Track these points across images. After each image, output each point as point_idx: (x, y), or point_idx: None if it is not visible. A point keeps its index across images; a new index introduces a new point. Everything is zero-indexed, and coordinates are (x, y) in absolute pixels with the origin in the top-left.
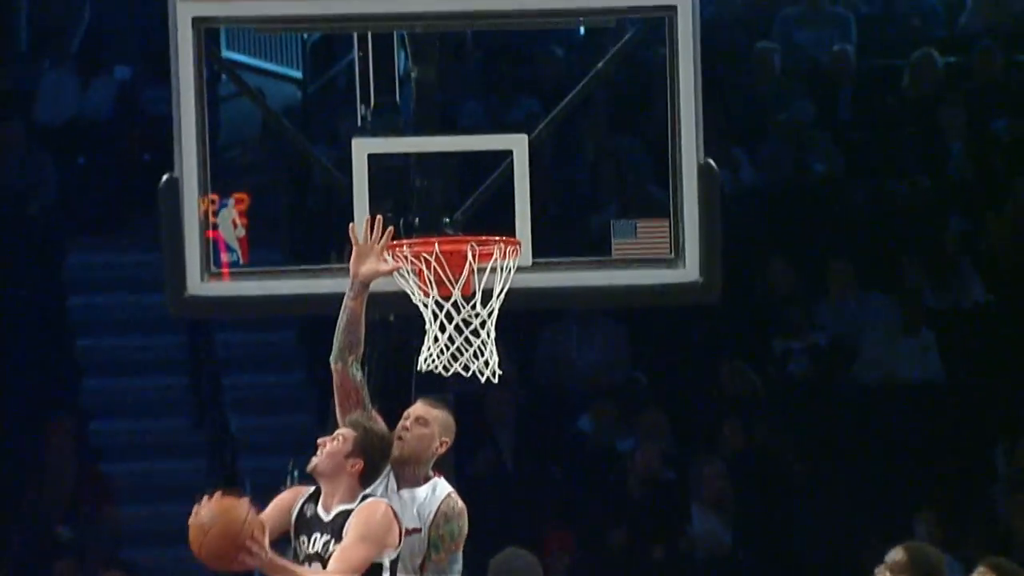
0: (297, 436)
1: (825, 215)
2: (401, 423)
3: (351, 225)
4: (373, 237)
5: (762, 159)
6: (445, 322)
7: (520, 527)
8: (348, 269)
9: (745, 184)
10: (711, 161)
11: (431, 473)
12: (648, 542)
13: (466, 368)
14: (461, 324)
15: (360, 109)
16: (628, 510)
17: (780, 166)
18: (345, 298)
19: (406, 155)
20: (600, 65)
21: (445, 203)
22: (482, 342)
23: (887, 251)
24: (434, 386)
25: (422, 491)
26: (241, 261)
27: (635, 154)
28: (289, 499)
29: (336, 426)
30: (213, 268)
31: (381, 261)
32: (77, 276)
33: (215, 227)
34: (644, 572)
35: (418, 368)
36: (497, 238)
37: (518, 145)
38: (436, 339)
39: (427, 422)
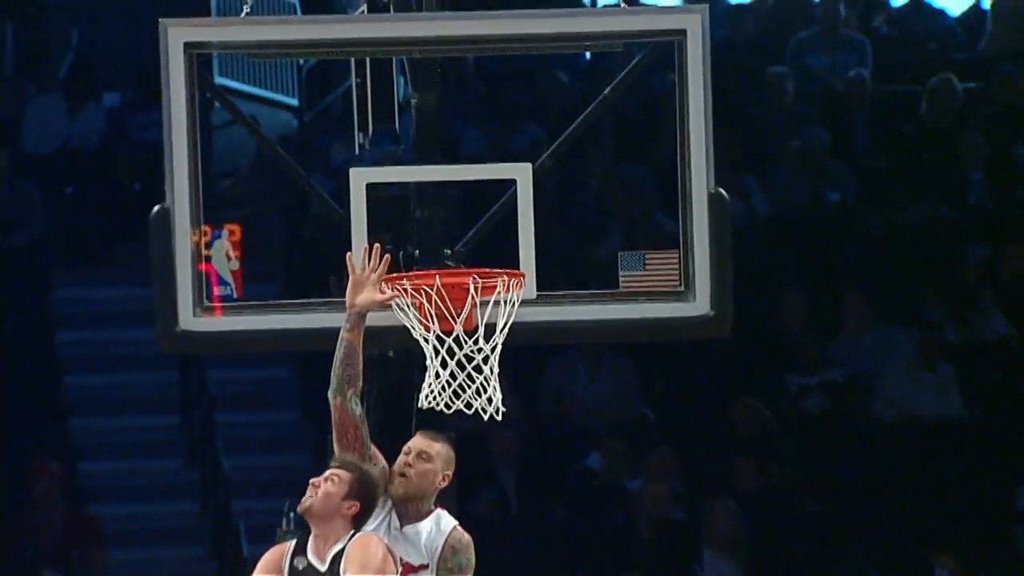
0: (293, 476)
1: (840, 246)
2: (403, 459)
3: (348, 255)
4: (370, 266)
5: (775, 188)
6: (447, 358)
7: (524, 571)
8: (344, 303)
9: (757, 214)
10: (722, 190)
11: (432, 506)
12: None
13: (468, 406)
14: (463, 360)
15: (358, 137)
16: (637, 552)
17: (793, 195)
18: (341, 330)
19: (406, 185)
20: (607, 91)
21: (446, 234)
22: (485, 378)
23: (904, 283)
24: (435, 423)
25: (426, 525)
26: (235, 295)
27: (643, 183)
28: (275, 558)
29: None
30: (206, 302)
31: (377, 291)
32: (65, 310)
33: (208, 260)
34: None
35: (419, 406)
36: (500, 271)
37: (522, 174)
38: (437, 375)
39: (430, 456)
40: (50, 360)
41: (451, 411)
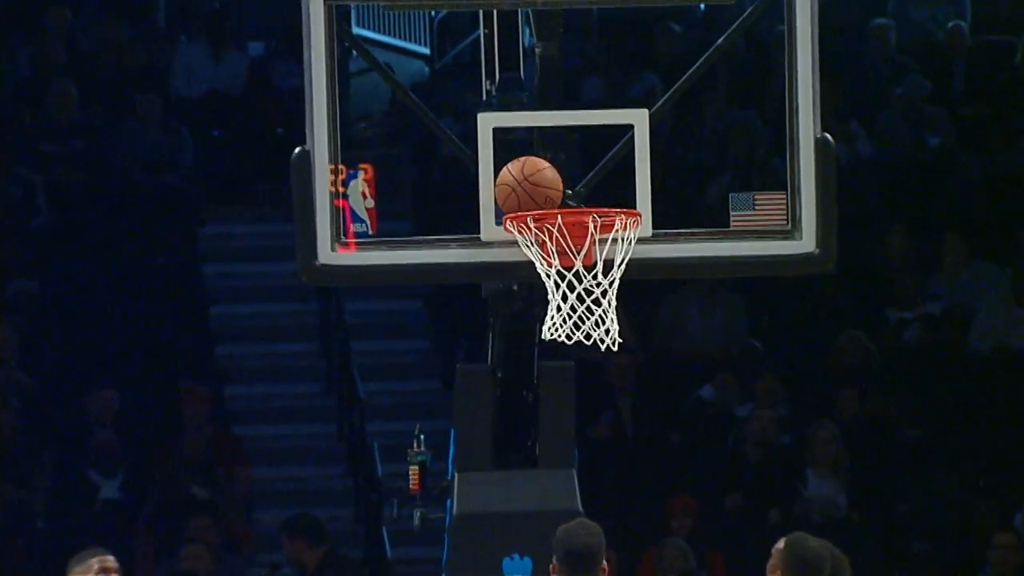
0: (424, 400)
1: (940, 188)
2: None
3: None
4: None
5: (878, 133)
6: (567, 292)
7: (640, 491)
8: (472, 240)
9: (861, 157)
10: (828, 135)
11: None
12: (765, 505)
13: (587, 336)
14: (583, 293)
15: (485, 84)
16: (744, 473)
17: (896, 139)
18: None
19: (530, 129)
20: (720, 40)
21: (567, 175)
22: (603, 311)
23: (1000, 223)
24: (557, 352)
25: None
26: (370, 232)
27: (753, 128)
28: None
29: None
30: (343, 238)
31: None
32: (212, 245)
33: (344, 198)
34: (761, 535)
35: (541, 336)
36: (618, 210)
37: (639, 119)
38: (559, 308)
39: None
40: (198, 291)
41: (572, 341)
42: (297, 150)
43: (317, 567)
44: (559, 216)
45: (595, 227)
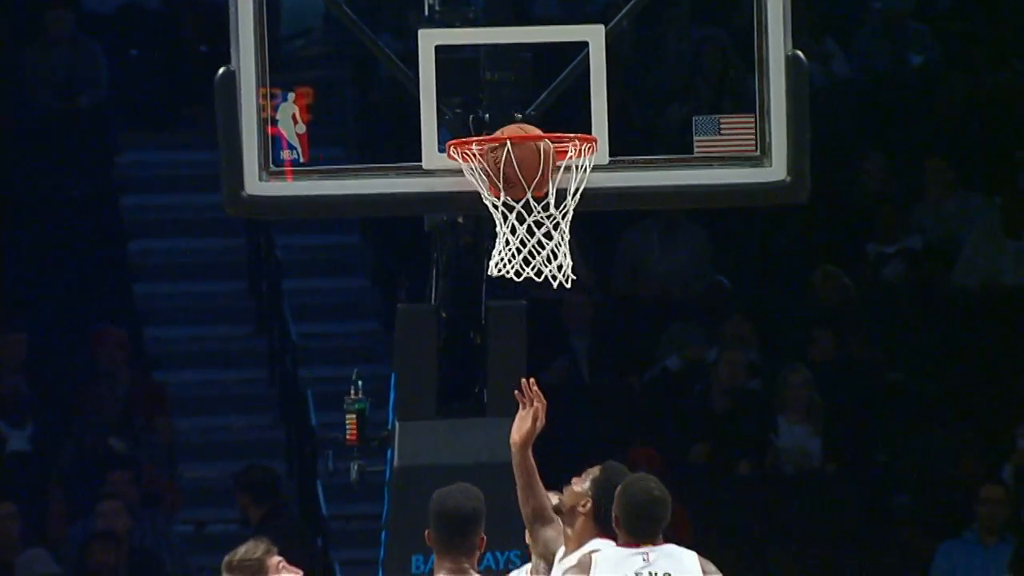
0: (362, 344)
1: (923, 110)
2: None
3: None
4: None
5: (855, 51)
6: (516, 224)
7: (598, 442)
8: (413, 168)
9: (837, 77)
10: (800, 53)
11: None
12: (733, 456)
13: (538, 273)
14: (533, 226)
15: None
16: (711, 422)
17: (875, 58)
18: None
19: (476, 47)
20: None
21: (517, 98)
22: (555, 245)
23: (988, 148)
24: (506, 291)
25: None
26: (302, 159)
27: (719, 46)
28: None
29: None
30: (272, 167)
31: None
32: (130, 174)
33: (275, 123)
34: (729, 488)
35: (489, 273)
36: (572, 135)
37: (595, 36)
38: (507, 242)
39: None
40: (115, 225)
41: (521, 278)
42: (222, 70)
43: (260, 524)
44: (508, 142)
45: (547, 154)
